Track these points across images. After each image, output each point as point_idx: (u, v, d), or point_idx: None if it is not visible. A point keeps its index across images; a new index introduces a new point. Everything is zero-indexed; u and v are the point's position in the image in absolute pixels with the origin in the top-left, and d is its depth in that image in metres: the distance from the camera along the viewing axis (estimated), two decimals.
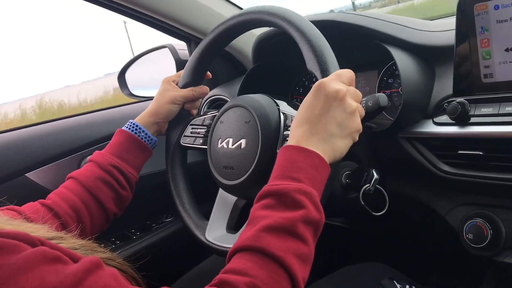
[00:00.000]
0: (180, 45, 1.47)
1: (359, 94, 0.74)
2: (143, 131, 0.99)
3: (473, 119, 0.84)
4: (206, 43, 0.99)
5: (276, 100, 0.88)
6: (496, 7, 0.80)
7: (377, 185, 0.87)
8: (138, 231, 1.30)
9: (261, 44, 1.18)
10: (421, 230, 1.12)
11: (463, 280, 1.14)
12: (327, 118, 0.68)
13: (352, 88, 0.73)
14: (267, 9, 0.86)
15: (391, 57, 0.94)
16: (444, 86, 0.91)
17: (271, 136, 0.83)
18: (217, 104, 1.28)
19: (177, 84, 1.05)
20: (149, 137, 1.00)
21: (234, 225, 0.95)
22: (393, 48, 0.95)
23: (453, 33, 0.86)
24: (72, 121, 1.30)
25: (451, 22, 0.91)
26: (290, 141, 0.69)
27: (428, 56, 0.96)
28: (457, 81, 0.86)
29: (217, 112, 0.98)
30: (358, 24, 0.99)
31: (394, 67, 1.06)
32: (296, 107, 0.88)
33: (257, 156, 0.82)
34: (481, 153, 0.82)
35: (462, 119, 0.84)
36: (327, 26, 1.01)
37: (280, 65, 1.25)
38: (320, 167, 0.66)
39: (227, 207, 0.95)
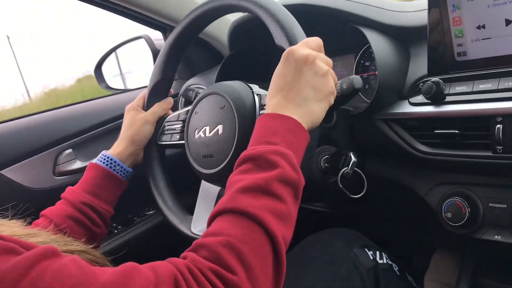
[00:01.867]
0: (157, 35, 1.45)
1: (329, 60, 0.73)
2: (118, 164, 0.96)
3: (448, 98, 0.84)
4: (177, 33, 0.98)
5: (249, 84, 0.87)
6: None
7: (355, 168, 0.87)
8: (120, 225, 1.29)
9: (236, 31, 1.17)
10: (402, 211, 1.12)
11: (445, 258, 1.15)
12: (300, 83, 0.68)
13: (322, 54, 0.72)
14: None
15: (367, 40, 0.93)
16: (419, 66, 0.91)
17: (247, 118, 0.82)
18: (194, 94, 1.26)
19: (142, 108, 1.04)
20: (124, 169, 0.97)
21: None
22: (368, 30, 0.94)
23: (426, 13, 0.86)
24: (47, 115, 1.27)
25: (424, 2, 0.90)
26: (266, 110, 0.69)
27: (402, 37, 0.96)
28: (431, 60, 0.86)
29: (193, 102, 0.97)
30: (332, 7, 0.98)
31: (370, 50, 1.06)
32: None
33: (235, 140, 0.81)
34: (457, 131, 0.82)
35: (437, 98, 0.84)
36: (302, 10, 1.01)
37: (257, 51, 1.24)
38: (297, 131, 0.65)
39: (211, 198, 0.94)
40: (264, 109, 0.81)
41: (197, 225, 0.91)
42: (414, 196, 0.94)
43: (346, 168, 0.86)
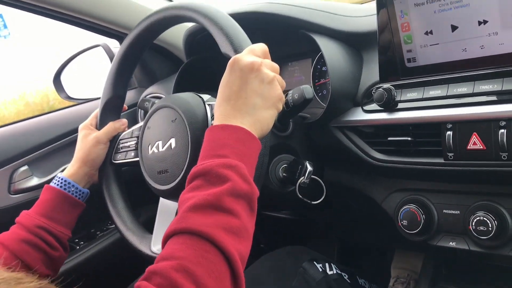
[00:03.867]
0: (115, 43, 1.42)
1: (276, 65, 0.72)
2: (73, 185, 0.94)
3: (400, 105, 0.83)
4: (124, 49, 0.96)
5: (200, 95, 0.86)
6: None
7: (313, 176, 0.86)
8: (82, 240, 1.26)
9: (190, 40, 1.15)
10: (362, 216, 1.12)
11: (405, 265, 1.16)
12: (247, 92, 0.67)
13: (268, 60, 0.71)
14: (177, 4, 0.85)
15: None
16: (371, 72, 0.90)
17: (199, 129, 0.80)
18: (150, 104, 1.24)
19: (95, 127, 1.02)
20: (79, 190, 0.95)
21: None
22: (319, 37, 0.93)
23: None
24: (1, 131, 1.23)
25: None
26: (214, 121, 0.68)
27: (354, 42, 0.95)
28: (382, 66, 0.85)
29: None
30: (283, 15, 0.97)
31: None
32: None
33: (188, 153, 0.79)
34: (409, 138, 0.82)
35: (389, 105, 0.83)
36: (255, 18, 0.99)
37: (212, 59, 1.22)
38: (247, 141, 0.64)
39: (170, 215, 0.92)
40: None
41: (157, 243, 0.89)
42: (372, 203, 0.94)
43: (303, 177, 0.85)
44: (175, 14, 0.84)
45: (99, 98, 1.43)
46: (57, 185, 0.93)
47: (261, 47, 0.73)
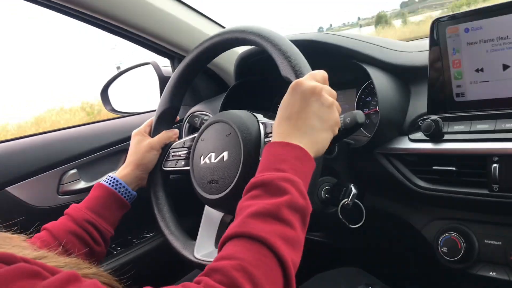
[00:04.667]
0: (164, 62, 1.49)
1: (334, 91, 0.77)
2: (123, 186, 0.98)
3: (446, 136, 0.87)
4: (186, 64, 1.02)
5: (254, 113, 0.91)
6: (466, 30, 0.84)
7: (355, 200, 0.89)
8: (119, 246, 1.30)
9: (243, 62, 1.21)
10: (399, 242, 1.14)
11: None
12: (307, 113, 0.71)
13: (327, 86, 0.76)
14: (240, 28, 0.90)
15: (368, 76, 0.97)
16: (419, 104, 0.95)
17: (252, 145, 0.85)
18: (199, 121, 1.29)
19: (148, 134, 1.07)
20: (129, 192, 0.99)
21: None
22: (370, 67, 0.98)
23: (427, 53, 0.90)
24: (53, 135, 1.30)
25: (426, 43, 0.95)
26: (274, 138, 0.72)
27: (403, 75, 1.00)
28: (431, 100, 0.90)
29: (199, 128, 0.99)
30: (338, 44, 1.03)
31: (371, 86, 1.10)
32: (274, 117, 0.91)
33: (240, 166, 0.84)
34: (454, 168, 0.85)
35: (436, 136, 0.87)
36: (308, 45, 1.05)
37: (261, 82, 1.28)
38: (304, 159, 0.68)
39: (214, 224, 0.96)
40: (269, 137, 0.84)
41: (200, 250, 0.93)
42: (411, 230, 0.96)
43: (347, 199, 0.89)
44: (239, 37, 0.90)
45: (143, 112, 1.51)
46: (108, 183, 0.98)
47: (322, 73, 0.77)
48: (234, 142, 0.86)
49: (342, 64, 1.09)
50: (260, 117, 0.91)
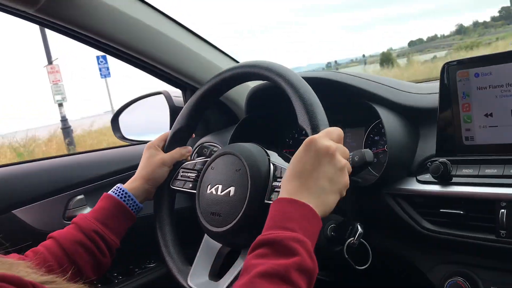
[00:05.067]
0: (175, 92, 1.51)
1: (347, 151, 0.77)
2: (131, 198, 0.99)
3: (454, 179, 0.87)
4: (204, 90, 1.03)
5: (267, 151, 0.91)
6: (476, 75, 0.85)
7: (361, 239, 0.88)
8: (120, 275, 1.29)
9: (255, 96, 1.23)
10: (403, 285, 1.12)
11: None
12: (318, 173, 0.71)
13: (341, 145, 0.76)
14: (262, 63, 0.91)
15: (378, 116, 0.98)
16: (427, 146, 0.95)
17: (260, 185, 0.85)
18: (208, 151, 1.30)
19: (162, 149, 1.07)
20: (136, 204, 1.00)
21: (217, 272, 0.95)
22: (380, 107, 1.00)
23: (437, 96, 0.91)
24: (61, 161, 1.31)
25: (435, 86, 0.96)
26: (282, 194, 0.71)
27: (412, 117, 1.01)
28: (440, 142, 0.91)
29: (208, 158, 1.00)
30: (349, 83, 1.04)
31: (380, 125, 1.10)
32: (286, 159, 0.91)
33: (245, 205, 0.84)
34: (462, 212, 0.85)
35: (444, 178, 0.87)
36: (318, 83, 1.06)
37: (271, 117, 1.29)
38: (312, 220, 0.68)
39: (211, 253, 0.96)
40: (278, 181, 0.84)
41: (194, 278, 0.93)
42: (416, 272, 0.95)
43: (352, 238, 0.88)
44: (260, 73, 0.90)
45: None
46: (116, 194, 0.98)
47: (338, 132, 0.76)
48: (242, 179, 0.86)
49: (351, 102, 1.11)
50: (273, 156, 0.90)
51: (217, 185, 0.91)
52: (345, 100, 1.11)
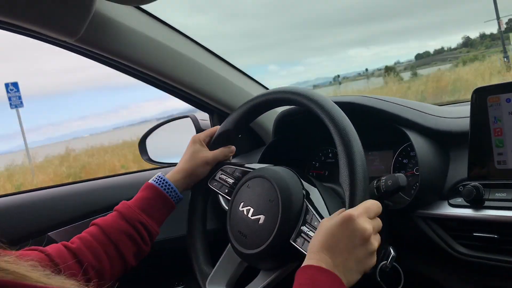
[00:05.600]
0: (202, 116, 1.54)
1: (380, 224, 0.78)
2: (172, 188, 1.00)
3: (487, 203, 0.88)
4: (253, 104, 1.03)
5: (303, 182, 0.90)
6: (508, 100, 0.86)
7: (393, 263, 0.89)
8: None
9: (282, 120, 1.25)
10: None
11: None
12: (349, 255, 0.71)
13: (377, 224, 0.76)
14: (303, 92, 0.91)
15: (407, 139, 0.99)
16: (458, 169, 0.96)
17: (288, 224, 0.85)
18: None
19: (207, 145, 1.07)
20: (176, 194, 1.01)
21: (234, 283, 0.97)
22: (409, 131, 1.01)
23: (466, 120, 0.93)
24: (94, 183, 1.34)
25: (464, 109, 0.97)
26: (308, 262, 0.71)
27: (442, 140, 1.02)
28: (472, 166, 0.91)
29: (248, 168, 1.02)
30: (379, 108, 1.06)
31: (409, 149, 1.11)
32: (310, 182, 0.92)
33: (271, 237, 0.85)
34: (495, 236, 0.85)
35: (477, 202, 0.88)
36: (348, 107, 1.08)
37: (298, 139, 1.31)
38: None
39: (233, 262, 0.97)
40: (306, 225, 0.84)
41: (212, 283, 0.95)
42: None
43: (385, 262, 0.89)
44: (307, 104, 0.89)
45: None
46: (157, 183, 1.00)
47: (377, 208, 0.77)
48: (273, 211, 0.87)
49: (379, 126, 1.12)
50: (311, 190, 0.90)
51: (249, 207, 0.92)
52: (373, 124, 1.12)
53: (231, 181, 1.04)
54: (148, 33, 1.15)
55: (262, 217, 0.88)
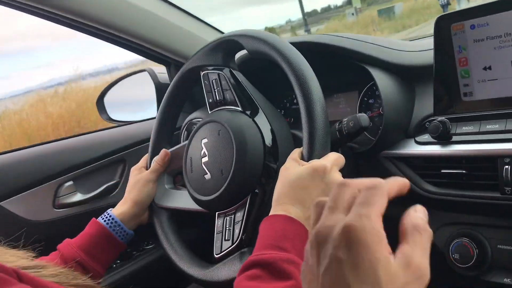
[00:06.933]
0: (160, 69, 1.46)
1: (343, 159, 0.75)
2: (119, 225, 0.95)
3: (454, 138, 0.84)
4: (182, 72, 0.99)
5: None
6: (472, 27, 0.81)
7: None
8: (118, 259, 1.26)
9: (240, 69, 1.18)
10: None
11: None
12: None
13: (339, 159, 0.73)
14: (252, 33, 0.86)
15: (371, 78, 0.94)
16: (424, 105, 0.92)
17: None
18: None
19: (146, 169, 1.05)
20: (124, 232, 0.96)
21: None
22: (372, 68, 0.95)
23: (431, 52, 0.87)
24: (48, 147, 1.26)
25: (429, 42, 0.91)
26: (274, 210, 0.68)
27: (407, 76, 0.96)
28: (438, 100, 0.87)
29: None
30: (338, 46, 0.99)
31: (374, 88, 1.06)
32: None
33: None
34: (464, 171, 0.82)
35: (443, 138, 0.84)
36: (305, 48, 1.02)
37: (259, 87, 1.24)
38: (305, 238, 0.63)
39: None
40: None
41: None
42: None
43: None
44: (262, 50, 0.85)
45: (140, 121, 1.48)
46: (105, 221, 0.95)
47: (343, 161, 0.74)
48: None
49: (342, 66, 1.06)
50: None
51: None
52: (335, 64, 1.06)
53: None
54: None
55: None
